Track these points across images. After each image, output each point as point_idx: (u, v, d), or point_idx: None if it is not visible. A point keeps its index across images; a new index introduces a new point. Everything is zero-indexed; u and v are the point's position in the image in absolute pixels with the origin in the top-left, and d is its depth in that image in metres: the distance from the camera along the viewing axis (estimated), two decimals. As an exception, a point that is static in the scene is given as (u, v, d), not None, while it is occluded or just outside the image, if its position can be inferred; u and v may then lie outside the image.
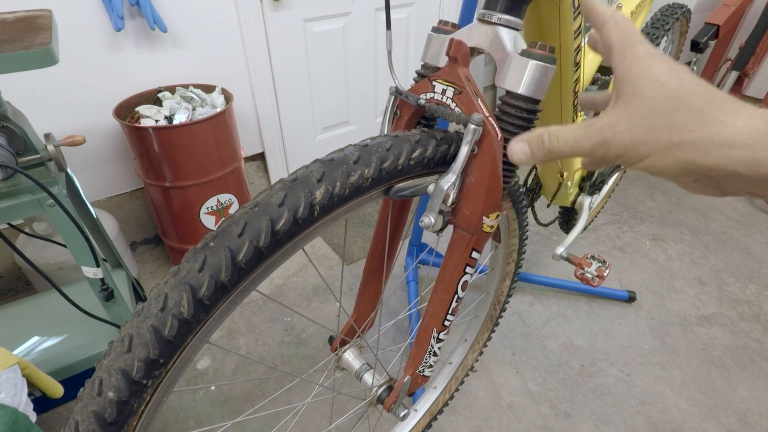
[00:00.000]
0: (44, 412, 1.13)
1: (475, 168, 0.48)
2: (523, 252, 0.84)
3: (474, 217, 0.51)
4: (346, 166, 0.40)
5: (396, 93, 0.53)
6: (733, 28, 2.17)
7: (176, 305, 0.33)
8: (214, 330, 0.38)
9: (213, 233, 0.36)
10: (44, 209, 0.78)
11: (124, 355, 0.32)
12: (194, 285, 0.34)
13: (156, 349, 0.33)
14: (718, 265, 1.60)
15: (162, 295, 0.34)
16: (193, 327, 0.34)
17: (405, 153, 0.43)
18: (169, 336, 0.33)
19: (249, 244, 0.35)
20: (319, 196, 0.38)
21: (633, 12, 1.02)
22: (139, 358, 0.32)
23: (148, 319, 0.33)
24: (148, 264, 1.63)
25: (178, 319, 0.33)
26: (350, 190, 0.40)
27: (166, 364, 0.34)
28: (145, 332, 0.33)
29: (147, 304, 0.34)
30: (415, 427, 0.95)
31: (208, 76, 1.50)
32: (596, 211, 1.39)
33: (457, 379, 0.98)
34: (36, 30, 0.72)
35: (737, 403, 1.16)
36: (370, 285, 0.72)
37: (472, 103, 0.47)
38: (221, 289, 0.35)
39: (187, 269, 0.34)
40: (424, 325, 0.64)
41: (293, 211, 0.37)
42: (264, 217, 0.36)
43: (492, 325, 0.95)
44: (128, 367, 0.32)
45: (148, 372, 0.33)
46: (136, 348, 0.32)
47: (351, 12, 1.74)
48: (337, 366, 0.74)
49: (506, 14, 0.47)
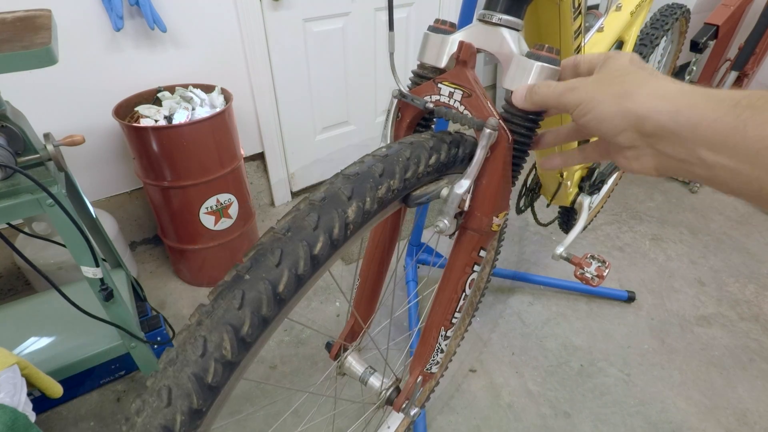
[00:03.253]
0: (43, 412, 1.13)
1: (487, 171, 0.48)
2: (501, 240, 0.85)
3: (485, 218, 0.51)
4: (373, 179, 0.39)
5: (399, 96, 0.52)
6: (733, 28, 2.17)
7: (217, 348, 0.31)
8: (250, 365, 0.36)
9: (245, 264, 0.34)
10: (44, 209, 0.78)
11: (164, 410, 0.29)
12: (235, 324, 0.31)
13: (200, 398, 0.30)
14: (718, 265, 1.60)
15: (200, 339, 0.31)
16: (234, 368, 0.32)
17: (423, 161, 0.43)
18: (213, 382, 0.31)
19: (289, 274, 0.33)
20: (351, 215, 0.37)
21: (633, 12, 1.02)
22: (182, 411, 0.29)
23: (186, 366, 0.30)
24: (147, 264, 1.63)
25: (221, 363, 0.31)
26: (378, 205, 0.39)
27: (207, 412, 0.32)
28: (185, 382, 0.30)
29: (180, 350, 0.31)
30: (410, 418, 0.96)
31: (208, 76, 1.50)
32: (596, 211, 1.39)
33: (441, 366, 1.00)
34: (35, 30, 0.72)
35: (736, 403, 1.16)
36: (368, 288, 0.72)
37: (483, 106, 0.47)
38: (263, 324, 0.33)
39: (225, 307, 0.32)
40: (431, 324, 0.64)
41: (329, 233, 0.35)
42: (300, 243, 0.34)
43: (472, 311, 0.97)
44: (170, 422, 0.29)
45: (191, 424, 0.30)
46: (177, 400, 0.29)
47: (351, 12, 1.74)
48: (339, 372, 0.73)
49: (507, 15, 0.47)
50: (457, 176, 0.47)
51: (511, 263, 1.62)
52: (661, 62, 1.45)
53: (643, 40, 1.12)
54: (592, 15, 1.08)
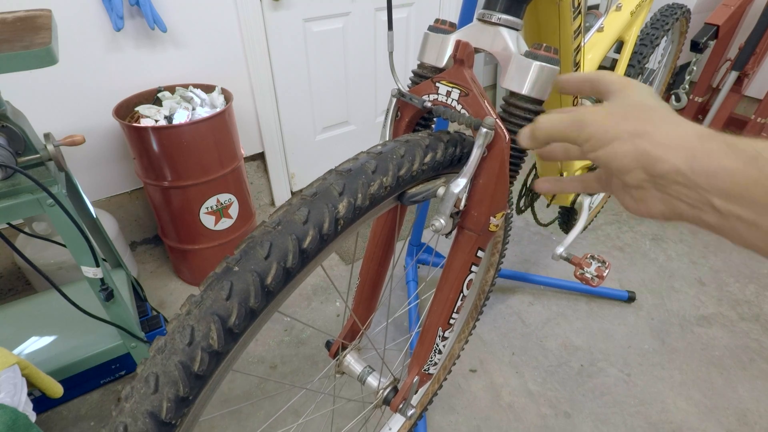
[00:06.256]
0: (44, 412, 1.13)
1: (484, 170, 0.48)
2: (506, 243, 0.84)
3: (482, 217, 0.51)
4: (365, 176, 0.39)
5: (398, 95, 0.52)
6: (733, 28, 2.17)
7: (204, 338, 0.31)
8: (239, 357, 0.36)
9: (235, 257, 0.34)
10: (44, 209, 0.78)
11: (151, 396, 0.30)
12: (222, 314, 0.32)
13: (186, 387, 0.31)
14: (718, 265, 1.60)
15: (188, 328, 0.32)
16: (222, 358, 0.33)
17: (418, 158, 0.43)
18: (199, 371, 0.31)
19: (277, 266, 0.34)
20: (342, 210, 0.37)
21: (633, 12, 1.02)
22: (168, 398, 0.30)
23: (174, 355, 0.31)
24: (147, 264, 1.63)
25: (208, 352, 0.31)
26: (370, 201, 0.39)
27: (194, 400, 0.32)
28: (172, 369, 0.31)
29: (170, 338, 0.32)
30: (408, 419, 0.96)
31: (208, 75, 1.50)
32: (596, 211, 1.39)
33: (445, 368, 1.00)
34: (36, 30, 0.72)
35: (737, 403, 1.16)
36: (368, 287, 0.72)
37: (480, 105, 0.47)
38: (250, 315, 0.33)
39: (213, 298, 0.32)
40: (429, 324, 0.64)
41: (318, 227, 0.36)
42: (290, 236, 0.35)
43: (477, 314, 0.96)
44: (156, 408, 0.30)
45: (177, 411, 0.31)
46: (164, 387, 0.30)
47: (351, 12, 1.74)
48: (338, 371, 0.73)
49: (506, 14, 0.47)
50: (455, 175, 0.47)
51: (512, 263, 1.62)
52: (662, 62, 1.45)
53: (644, 40, 1.12)
54: (592, 15, 1.08)
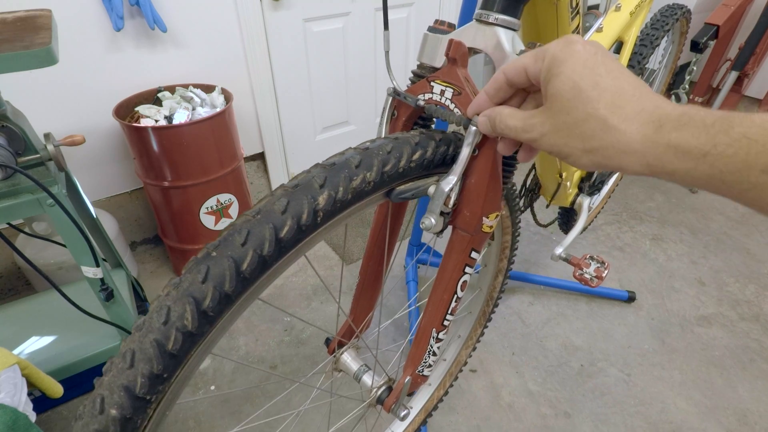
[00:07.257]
0: (44, 412, 1.13)
1: (475, 169, 0.48)
2: (515, 249, 0.84)
3: (474, 217, 0.51)
4: (348, 170, 0.40)
5: (394, 94, 0.52)
6: (733, 28, 2.17)
7: (179, 318, 0.32)
8: (217, 341, 0.37)
9: (215, 243, 0.35)
10: (44, 209, 0.78)
11: (127, 371, 0.31)
12: (198, 297, 0.33)
13: (160, 364, 0.32)
14: (718, 265, 1.60)
15: (164, 308, 0.33)
16: (197, 339, 0.34)
17: (406, 155, 0.43)
18: (173, 350, 0.32)
19: (253, 253, 0.35)
20: (322, 202, 0.38)
21: (632, 12, 1.02)
22: (143, 374, 0.31)
23: (150, 333, 0.32)
24: (147, 264, 1.63)
25: (182, 332, 0.32)
26: (353, 195, 0.40)
27: (170, 379, 0.33)
28: (147, 347, 0.32)
29: (148, 317, 0.33)
30: (411, 424, 0.96)
31: (208, 76, 1.50)
32: (596, 212, 1.39)
33: (451, 375, 0.99)
34: (36, 30, 0.73)
35: (737, 403, 1.16)
36: (367, 286, 0.72)
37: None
38: (225, 300, 0.34)
39: (190, 280, 0.33)
40: (424, 326, 0.64)
41: (296, 217, 0.36)
42: (267, 225, 0.35)
43: (485, 321, 0.95)
44: (131, 383, 0.31)
45: (151, 387, 0.32)
46: (139, 363, 0.31)
47: (351, 12, 1.74)
48: (335, 368, 0.73)
49: (503, 14, 0.47)
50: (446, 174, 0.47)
51: (511, 263, 1.62)
52: (662, 62, 1.45)
53: (644, 40, 1.12)
54: (592, 15, 1.08)
